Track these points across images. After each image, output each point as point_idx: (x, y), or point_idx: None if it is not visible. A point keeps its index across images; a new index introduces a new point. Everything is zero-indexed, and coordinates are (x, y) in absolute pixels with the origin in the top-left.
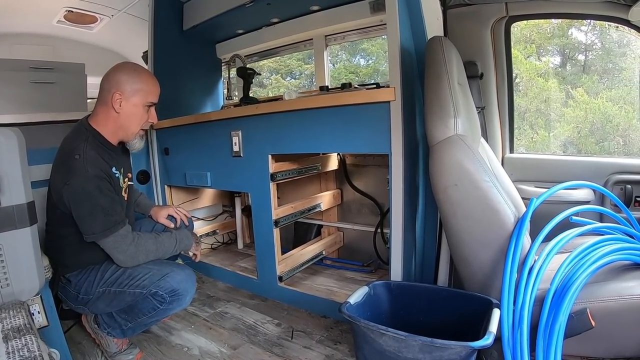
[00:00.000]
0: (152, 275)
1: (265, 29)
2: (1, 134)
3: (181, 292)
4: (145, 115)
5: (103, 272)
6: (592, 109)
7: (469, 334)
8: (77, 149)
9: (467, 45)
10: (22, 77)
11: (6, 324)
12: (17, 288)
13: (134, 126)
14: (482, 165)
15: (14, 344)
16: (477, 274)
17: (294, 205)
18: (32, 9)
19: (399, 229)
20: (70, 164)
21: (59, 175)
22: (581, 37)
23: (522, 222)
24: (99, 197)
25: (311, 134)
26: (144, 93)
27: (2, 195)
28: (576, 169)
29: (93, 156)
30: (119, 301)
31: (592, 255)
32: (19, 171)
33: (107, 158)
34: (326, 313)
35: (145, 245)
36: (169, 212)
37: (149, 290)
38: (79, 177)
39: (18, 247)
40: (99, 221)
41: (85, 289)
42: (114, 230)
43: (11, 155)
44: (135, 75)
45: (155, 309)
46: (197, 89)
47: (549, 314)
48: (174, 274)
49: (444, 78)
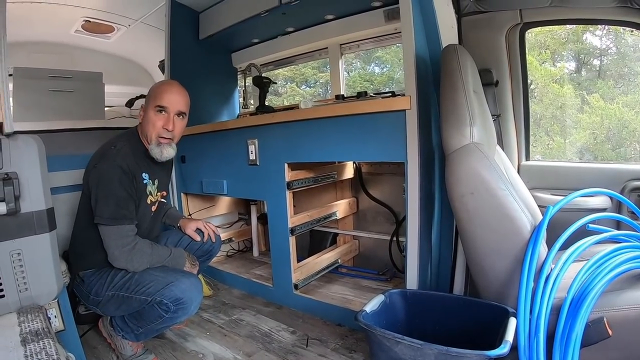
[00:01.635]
0: (157, 283)
1: (281, 38)
2: (22, 141)
3: (185, 300)
4: (158, 121)
5: (113, 276)
6: (608, 114)
7: (484, 343)
8: (116, 143)
9: (482, 52)
10: (41, 85)
11: (24, 327)
12: (35, 292)
13: (150, 132)
14: (498, 173)
15: (32, 347)
16: (493, 282)
17: (310, 213)
18: (50, 18)
19: (415, 237)
20: (106, 152)
21: (94, 160)
22: (596, 42)
23: (539, 231)
24: (118, 186)
25: (327, 142)
26: (152, 97)
27: (22, 201)
28: (592, 176)
29: (126, 152)
30: (127, 306)
31: (609, 263)
32: (39, 178)
33: (141, 162)
34: (341, 321)
35: (142, 248)
36: (197, 225)
37: (154, 298)
38: (106, 163)
39: (37, 253)
40: (109, 208)
41: (96, 290)
42: (120, 222)
43: (31, 162)
44: (153, 87)
45: (161, 316)
46: (213, 97)
47: (566, 323)
48: (179, 282)
49: (460, 86)
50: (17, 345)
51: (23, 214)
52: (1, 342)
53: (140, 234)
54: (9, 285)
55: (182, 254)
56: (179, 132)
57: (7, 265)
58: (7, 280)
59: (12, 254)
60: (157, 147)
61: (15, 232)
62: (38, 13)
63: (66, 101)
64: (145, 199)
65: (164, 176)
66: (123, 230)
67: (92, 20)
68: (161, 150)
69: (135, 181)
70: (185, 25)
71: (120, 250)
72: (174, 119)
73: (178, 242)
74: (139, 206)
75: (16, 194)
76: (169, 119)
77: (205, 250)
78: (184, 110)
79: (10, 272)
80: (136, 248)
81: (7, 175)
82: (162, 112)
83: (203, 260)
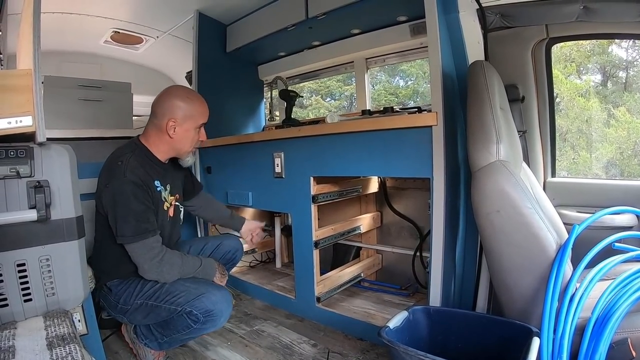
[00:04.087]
0: (188, 294)
1: (307, 51)
2: (54, 151)
3: (216, 313)
4: (197, 136)
5: (143, 285)
6: (635, 128)
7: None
8: (121, 157)
9: (508, 68)
10: (71, 94)
11: (51, 331)
12: (62, 297)
13: (186, 147)
14: (524, 191)
15: (58, 351)
16: (517, 300)
17: (334, 227)
18: (81, 29)
19: (439, 253)
20: (113, 169)
21: (102, 179)
22: (622, 54)
23: (564, 250)
24: (133, 202)
25: (353, 157)
26: (195, 118)
27: (53, 208)
28: (619, 193)
29: (134, 165)
30: (155, 315)
31: (635, 283)
32: (69, 187)
33: (151, 171)
34: (363, 336)
35: (171, 259)
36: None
37: (184, 308)
38: (117, 180)
39: (66, 259)
40: (130, 225)
41: (125, 299)
42: (144, 237)
43: (63, 171)
44: (187, 102)
45: (189, 327)
46: (240, 109)
47: (589, 343)
48: (210, 294)
49: (486, 104)
50: (44, 349)
51: (53, 221)
52: (28, 346)
53: (162, 240)
54: (37, 289)
55: (213, 265)
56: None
57: (35, 270)
58: (35, 284)
59: (41, 260)
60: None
61: (45, 238)
62: (69, 24)
63: (95, 110)
64: (162, 206)
65: (175, 178)
66: (148, 243)
67: (122, 32)
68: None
69: (150, 191)
70: (213, 38)
71: (150, 263)
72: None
73: (201, 250)
74: (158, 214)
75: (47, 202)
76: (204, 132)
77: (228, 258)
78: None
79: (38, 277)
80: (165, 259)
81: (38, 183)
82: (201, 128)
83: (226, 269)
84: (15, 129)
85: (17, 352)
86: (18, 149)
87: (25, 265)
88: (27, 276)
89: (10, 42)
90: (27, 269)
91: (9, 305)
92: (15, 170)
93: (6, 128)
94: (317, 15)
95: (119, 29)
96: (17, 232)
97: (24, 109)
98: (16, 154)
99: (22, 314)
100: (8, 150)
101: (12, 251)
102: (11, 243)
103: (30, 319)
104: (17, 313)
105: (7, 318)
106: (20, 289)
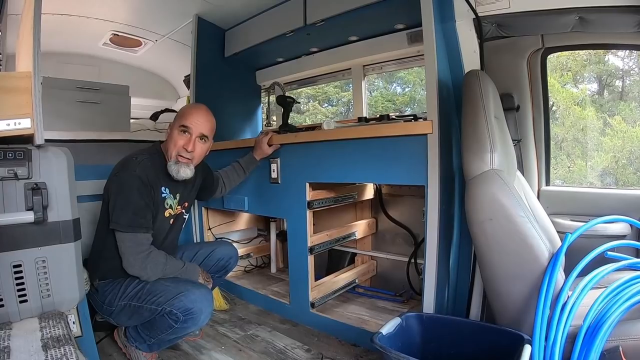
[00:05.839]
0: (168, 293)
1: (305, 57)
2: (52, 153)
3: (195, 311)
4: (180, 140)
5: (126, 286)
6: (630, 137)
7: None
8: (139, 155)
9: (504, 77)
10: (69, 96)
11: (46, 333)
12: (57, 299)
13: (171, 148)
14: (517, 200)
15: (53, 353)
16: (510, 308)
17: (330, 233)
18: (80, 31)
19: (433, 260)
20: (127, 162)
21: (115, 170)
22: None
23: (556, 258)
24: (136, 195)
25: (349, 163)
26: (178, 118)
27: (50, 210)
28: (612, 202)
29: (147, 165)
30: (138, 315)
31: (627, 291)
32: (66, 189)
33: (161, 176)
34: (356, 341)
35: (156, 257)
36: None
37: (164, 308)
38: (126, 173)
39: (62, 261)
40: (127, 215)
41: (109, 300)
42: (136, 230)
43: (60, 173)
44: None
45: (171, 326)
46: (237, 114)
47: (581, 351)
48: (189, 292)
49: (481, 113)
50: (39, 350)
51: (50, 223)
52: (23, 347)
53: (156, 245)
54: (33, 290)
55: (196, 269)
56: (199, 155)
57: (31, 271)
58: (31, 286)
59: (37, 261)
60: (175, 165)
61: (41, 240)
62: (68, 25)
63: (93, 112)
64: (163, 212)
65: (187, 192)
66: (138, 238)
67: (121, 34)
68: (178, 169)
69: (153, 193)
70: (211, 42)
71: (135, 257)
72: (196, 141)
73: (193, 257)
74: (156, 218)
75: (44, 204)
76: (190, 140)
77: (221, 266)
78: (207, 134)
79: (34, 278)
80: (150, 256)
81: (36, 185)
82: (185, 133)
83: (219, 276)
84: (14, 130)
85: (12, 352)
86: (16, 150)
87: (21, 267)
88: (23, 277)
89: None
90: (23, 270)
91: (5, 306)
92: (13, 172)
93: (5, 130)
94: (315, 22)
95: (118, 31)
96: (14, 234)
97: (23, 111)
98: (14, 156)
99: (17, 314)
100: (6, 151)
101: (8, 252)
102: (8, 244)
103: (25, 319)
104: (12, 314)
105: (2, 319)
106: (16, 290)
